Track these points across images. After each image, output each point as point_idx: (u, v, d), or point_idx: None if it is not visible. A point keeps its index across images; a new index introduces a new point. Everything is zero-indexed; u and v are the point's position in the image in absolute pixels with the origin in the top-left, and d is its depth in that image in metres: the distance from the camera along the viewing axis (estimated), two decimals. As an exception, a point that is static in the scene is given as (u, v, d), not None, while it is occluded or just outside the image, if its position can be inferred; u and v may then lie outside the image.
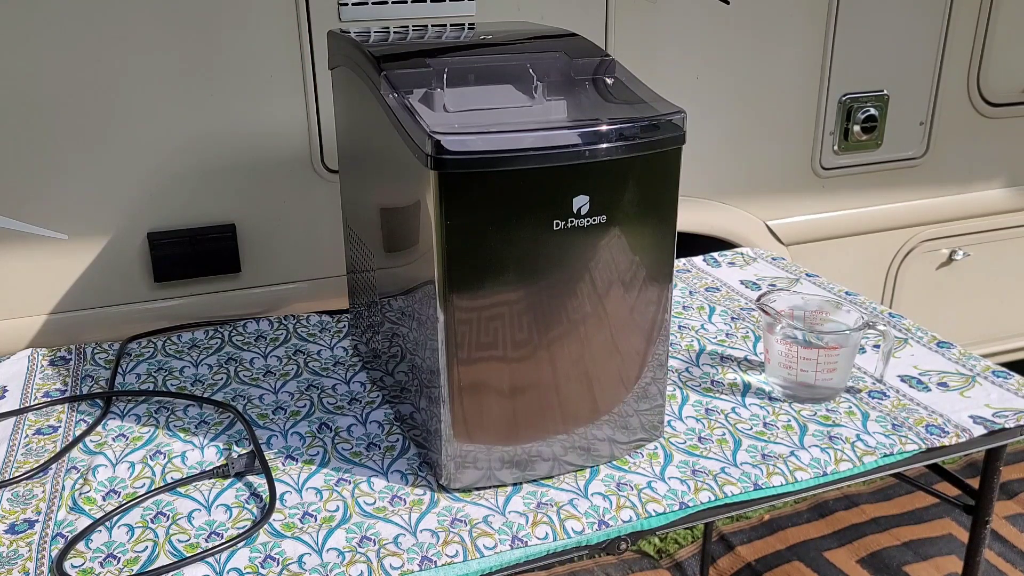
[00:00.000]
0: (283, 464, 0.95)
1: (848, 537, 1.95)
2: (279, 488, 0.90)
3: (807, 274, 1.39)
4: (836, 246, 1.86)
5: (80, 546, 0.83)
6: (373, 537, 0.84)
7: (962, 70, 1.81)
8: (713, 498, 0.89)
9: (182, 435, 1.00)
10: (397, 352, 0.98)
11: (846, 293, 1.33)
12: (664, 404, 0.96)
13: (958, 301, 2.03)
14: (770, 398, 1.06)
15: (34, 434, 1.01)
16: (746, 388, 1.09)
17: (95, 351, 1.19)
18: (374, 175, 0.99)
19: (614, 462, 0.94)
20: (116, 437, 1.00)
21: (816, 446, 0.96)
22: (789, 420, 1.02)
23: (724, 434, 0.99)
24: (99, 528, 0.85)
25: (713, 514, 0.90)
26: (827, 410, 1.03)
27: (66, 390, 1.10)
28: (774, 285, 1.36)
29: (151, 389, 1.10)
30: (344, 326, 1.25)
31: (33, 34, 1.22)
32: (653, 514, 0.87)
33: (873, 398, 1.06)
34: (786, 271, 1.42)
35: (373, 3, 1.36)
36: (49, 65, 1.24)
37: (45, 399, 1.07)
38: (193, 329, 1.25)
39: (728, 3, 1.57)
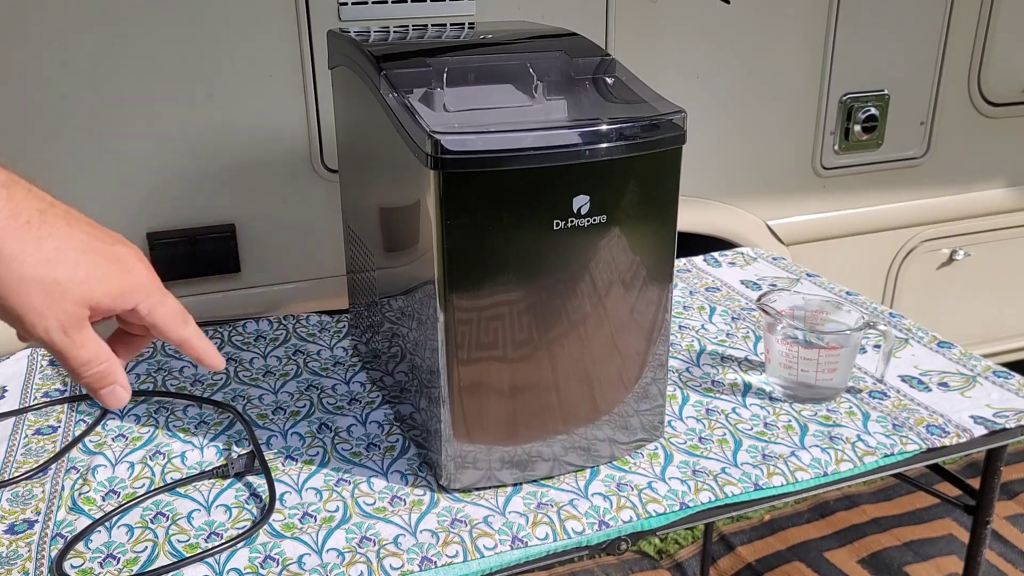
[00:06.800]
0: (283, 464, 0.94)
1: (849, 537, 1.95)
2: (279, 488, 0.90)
3: (807, 274, 1.39)
4: (836, 246, 1.86)
5: (80, 546, 0.82)
6: (373, 537, 0.83)
7: (963, 70, 1.81)
8: (714, 498, 0.89)
9: (182, 435, 1.00)
10: (397, 352, 0.98)
11: (847, 293, 1.33)
12: (664, 404, 0.96)
13: (958, 301, 2.03)
14: (771, 398, 1.06)
15: (33, 434, 1.00)
16: (746, 388, 1.08)
17: (95, 351, 1.18)
18: (374, 175, 0.99)
19: (614, 462, 0.94)
20: (116, 437, 1.00)
21: (817, 446, 0.96)
22: (790, 420, 1.01)
23: (724, 434, 0.99)
24: (99, 528, 0.85)
25: (713, 514, 0.90)
26: (828, 410, 1.03)
27: (65, 390, 1.09)
28: (774, 285, 1.36)
29: (151, 389, 1.10)
30: (344, 326, 1.25)
31: (32, 33, 1.22)
32: (653, 514, 0.87)
33: (874, 398, 1.06)
34: (786, 271, 1.42)
35: (373, 3, 1.36)
36: (47, 64, 1.24)
37: (45, 399, 1.07)
38: (193, 329, 1.25)
39: (728, 3, 1.57)
